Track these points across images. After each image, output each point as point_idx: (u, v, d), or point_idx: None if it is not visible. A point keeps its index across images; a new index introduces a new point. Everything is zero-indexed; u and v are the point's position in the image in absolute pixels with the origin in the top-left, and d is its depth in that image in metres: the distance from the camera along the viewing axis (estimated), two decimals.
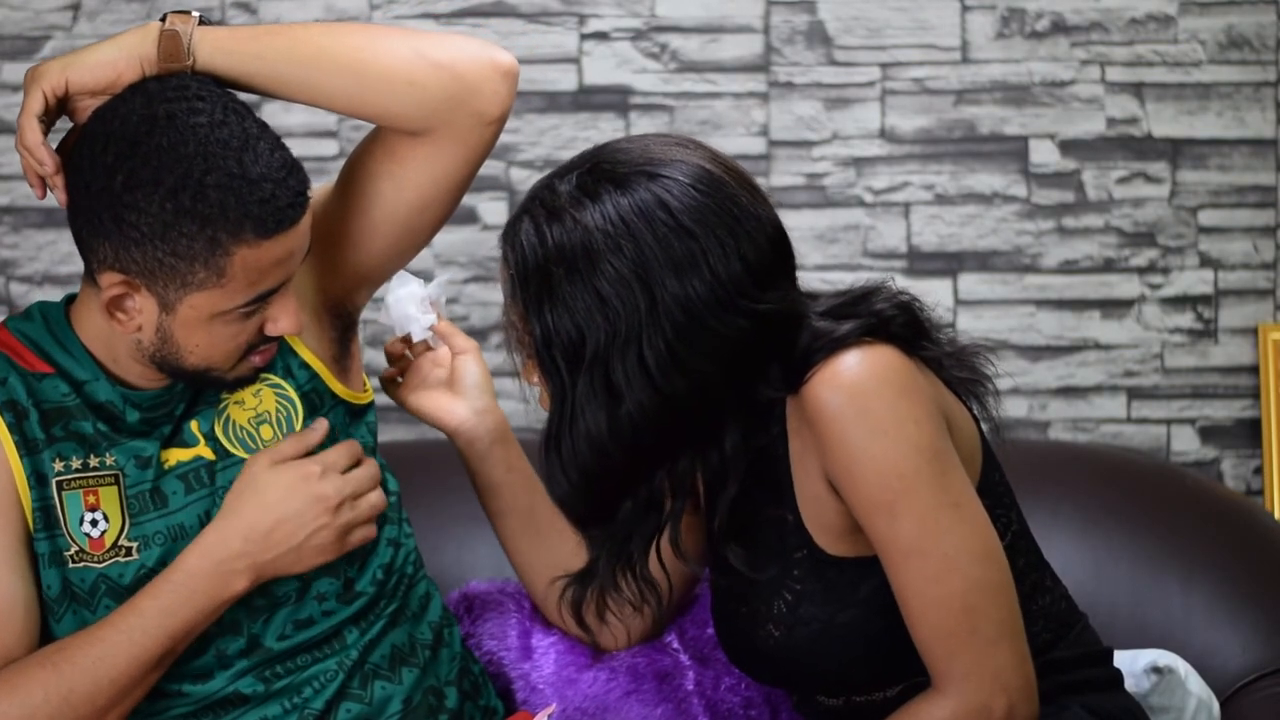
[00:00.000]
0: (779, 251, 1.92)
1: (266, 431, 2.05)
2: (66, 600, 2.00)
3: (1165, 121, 3.00)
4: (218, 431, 2.04)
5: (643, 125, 2.97)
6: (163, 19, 1.95)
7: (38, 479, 1.99)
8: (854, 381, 1.86)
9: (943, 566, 1.85)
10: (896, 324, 1.92)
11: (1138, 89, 3.00)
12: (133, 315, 1.94)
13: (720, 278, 1.86)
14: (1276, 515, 2.94)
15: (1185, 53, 2.99)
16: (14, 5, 2.92)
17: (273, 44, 1.97)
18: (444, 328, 2.21)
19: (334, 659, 2.05)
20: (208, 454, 2.03)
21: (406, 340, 2.21)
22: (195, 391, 2.03)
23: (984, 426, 2.00)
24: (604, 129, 2.98)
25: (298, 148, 2.95)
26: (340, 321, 2.11)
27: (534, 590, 2.23)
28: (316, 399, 2.07)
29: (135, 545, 2.00)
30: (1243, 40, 2.99)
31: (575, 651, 2.26)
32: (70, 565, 2.00)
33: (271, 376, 2.06)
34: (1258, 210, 3.02)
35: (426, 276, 2.97)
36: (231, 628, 2.02)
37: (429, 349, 2.22)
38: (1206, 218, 3.02)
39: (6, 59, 2.92)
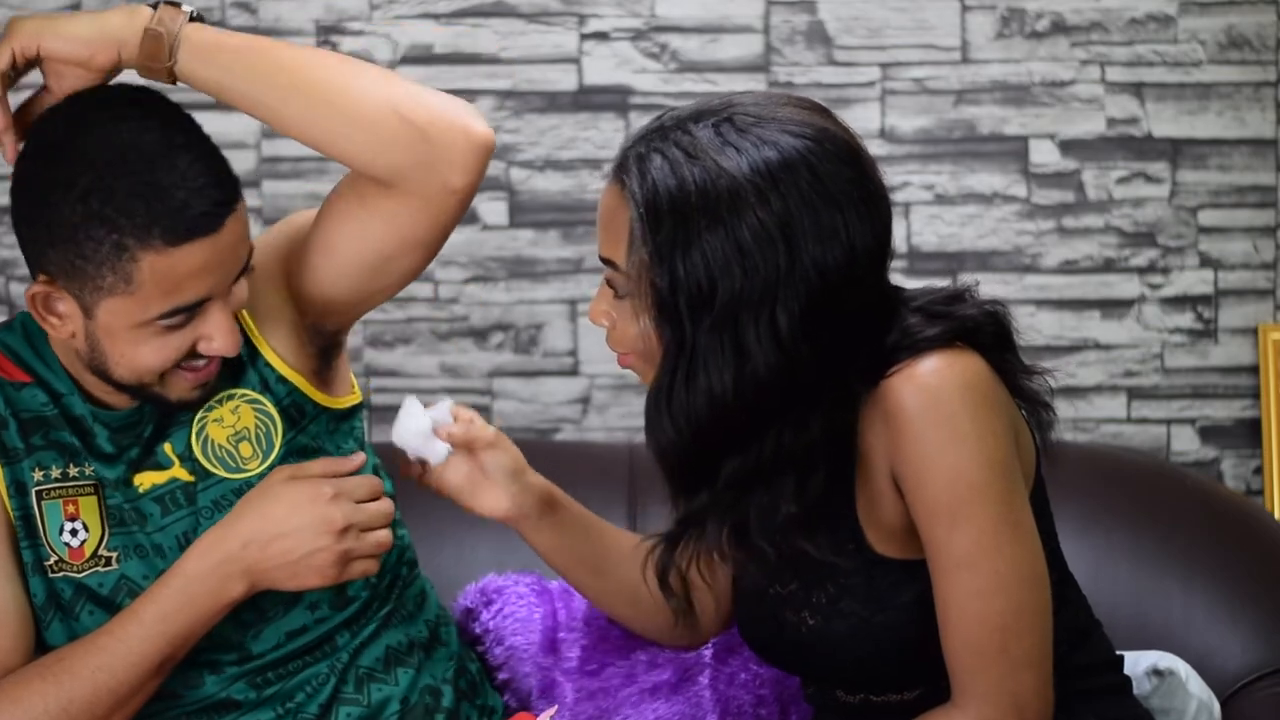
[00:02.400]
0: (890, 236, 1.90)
1: (246, 449, 2.03)
2: (52, 608, 1.99)
3: (1165, 121, 3.00)
4: (196, 451, 2.02)
5: (642, 125, 2.97)
6: (155, 5, 1.93)
7: (17, 488, 1.99)
8: (939, 385, 1.83)
9: (990, 584, 1.84)
10: (985, 332, 1.90)
11: (1138, 89, 3.00)
12: (63, 319, 1.92)
13: (856, 251, 1.82)
14: (1276, 515, 2.94)
15: (1185, 53, 2.99)
16: (14, 5, 2.92)
17: (253, 64, 1.94)
18: (461, 439, 2.08)
19: (325, 663, 2.05)
20: (184, 475, 2.01)
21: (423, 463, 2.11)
22: (164, 413, 2.01)
23: (1039, 441, 1.98)
24: (604, 129, 2.98)
25: (297, 147, 2.97)
26: (320, 339, 2.09)
27: (619, 615, 2.22)
28: (296, 412, 2.05)
29: (115, 555, 2.00)
30: (1243, 40, 2.99)
31: (600, 649, 2.26)
32: (51, 574, 1.99)
33: (249, 392, 2.04)
34: (1258, 210, 3.02)
35: (425, 276, 2.97)
36: (221, 642, 2.01)
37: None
38: (1206, 218, 3.02)
39: None
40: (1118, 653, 2.06)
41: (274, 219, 2.95)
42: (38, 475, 1.99)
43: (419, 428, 2.07)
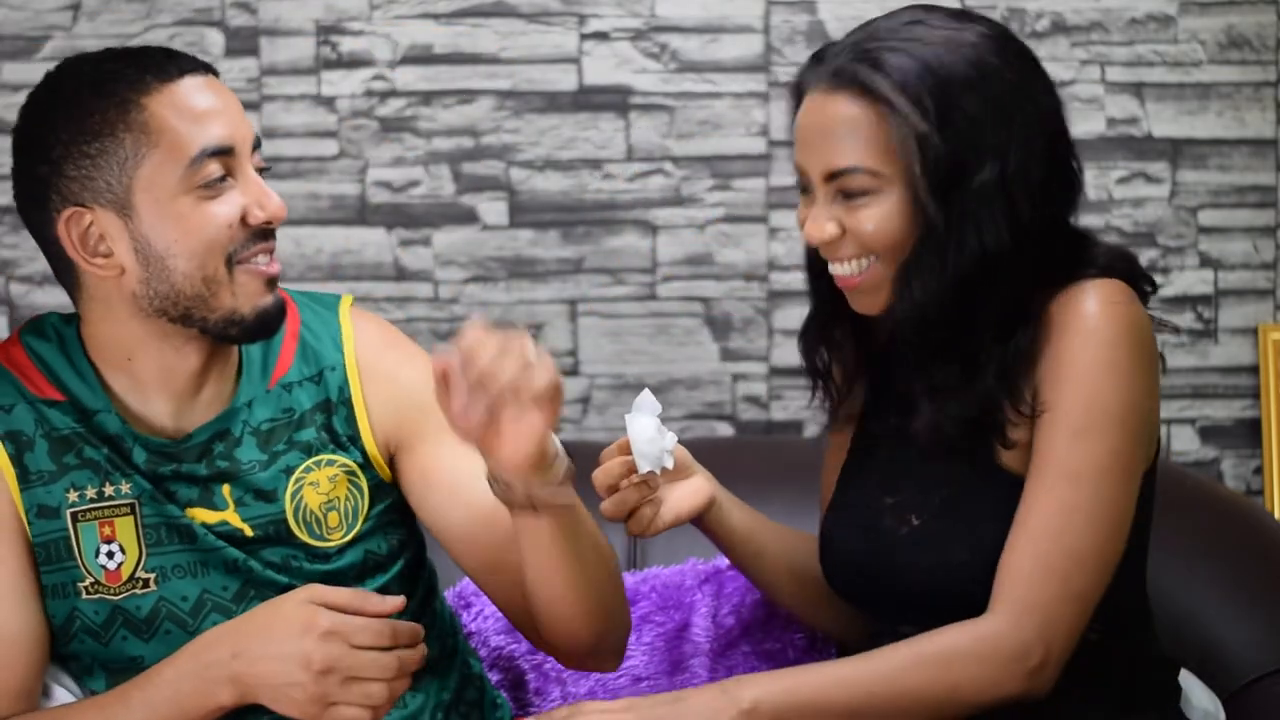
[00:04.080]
0: None
1: (334, 519, 2.00)
2: (72, 631, 1.96)
3: (1165, 121, 3.00)
4: (289, 510, 1.98)
5: (642, 125, 2.97)
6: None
7: (41, 511, 1.94)
8: (1119, 312, 1.91)
9: (1090, 507, 1.89)
10: (1150, 293, 2.01)
11: (1138, 89, 3.00)
12: (109, 254, 1.90)
13: (1070, 141, 1.99)
14: (1276, 515, 2.94)
15: (1185, 53, 2.99)
16: (14, 5, 2.92)
17: None
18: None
19: None
20: (236, 521, 1.97)
21: (629, 471, 1.99)
22: (210, 449, 1.97)
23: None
24: (604, 129, 2.98)
25: (297, 147, 2.97)
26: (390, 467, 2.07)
27: (784, 594, 2.21)
28: (378, 492, 2.03)
29: (153, 576, 1.95)
30: (1243, 40, 2.99)
31: None
32: (84, 597, 1.95)
33: (350, 463, 2.01)
34: (1258, 210, 3.02)
35: (425, 276, 2.97)
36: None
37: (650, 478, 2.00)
38: (1206, 218, 3.02)
39: (6, 59, 2.91)
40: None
41: None
42: (72, 496, 1.94)
43: (653, 425, 1.95)
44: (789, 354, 2.95)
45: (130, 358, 1.96)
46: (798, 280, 2.96)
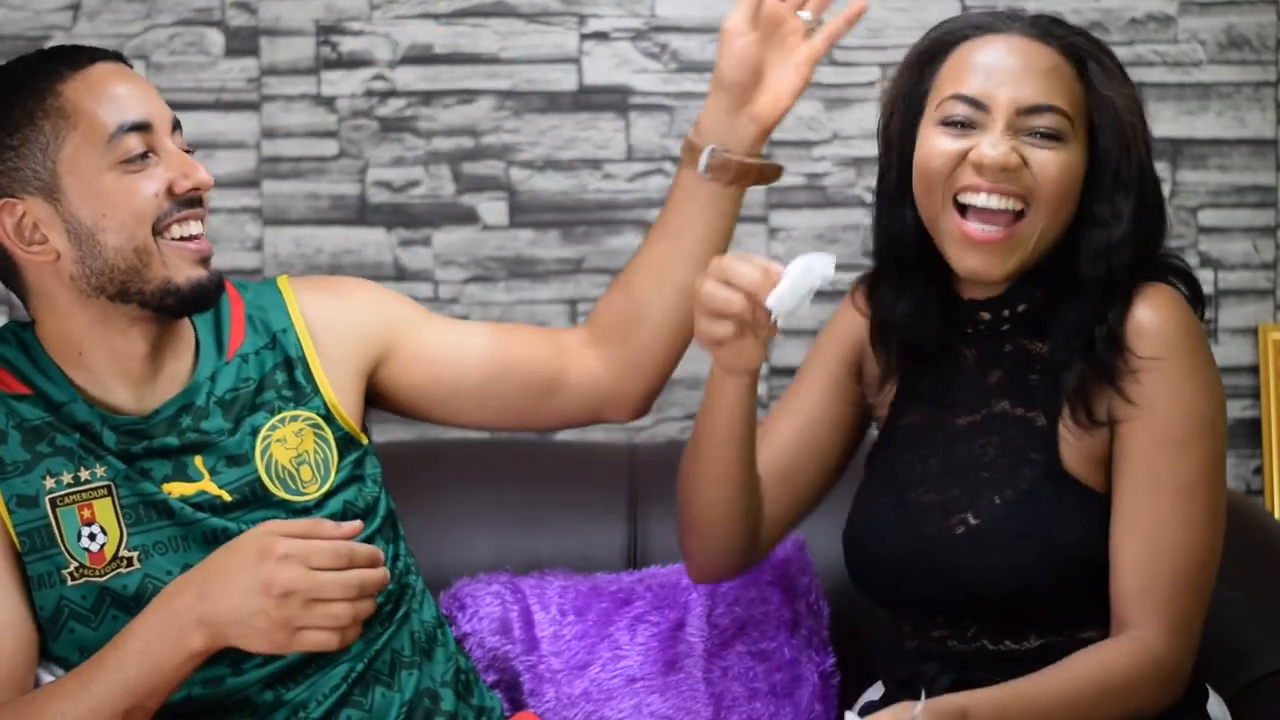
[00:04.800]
0: None
1: (306, 472, 2.05)
2: (61, 621, 1.98)
3: (1165, 121, 3.00)
4: (260, 469, 2.03)
5: (642, 125, 2.97)
6: None
7: (20, 501, 1.97)
8: (1192, 323, 1.99)
9: (1207, 514, 1.93)
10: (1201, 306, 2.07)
11: (1138, 89, 3.00)
12: (43, 237, 1.96)
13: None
14: (1276, 515, 2.94)
15: (1185, 53, 2.99)
16: (14, 5, 2.92)
17: None
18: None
19: (342, 666, 2.04)
20: (213, 489, 2.01)
21: (751, 306, 1.93)
22: (177, 422, 2.02)
23: None
24: (604, 129, 2.97)
25: (297, 147, 2.97)
26: (366, 399, 2.16)
27: (712, 513, 2.15)
28: (348, 444, 2.09)
29: (135, 555, 1.98)
30: (1243, 40, 2.99)
31: (582, 638, 2.26)
32: (70, 583, 1.97)
33: (314, 416, 2.07)
34: (1258, 210, 3.02)
35: (425, 276, 2.97)
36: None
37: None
38: (1206, 218, 3.02)
39: (6, 59, 2.91)
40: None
41: (274, 219, 2.96)
42: (49, 483, 1.98)
43: (804, 301, 1.92)
44: (789, 354, 2.95)
45: (81, 351, 2.02)
46: None
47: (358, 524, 1.90)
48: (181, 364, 2.06)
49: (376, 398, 2.19)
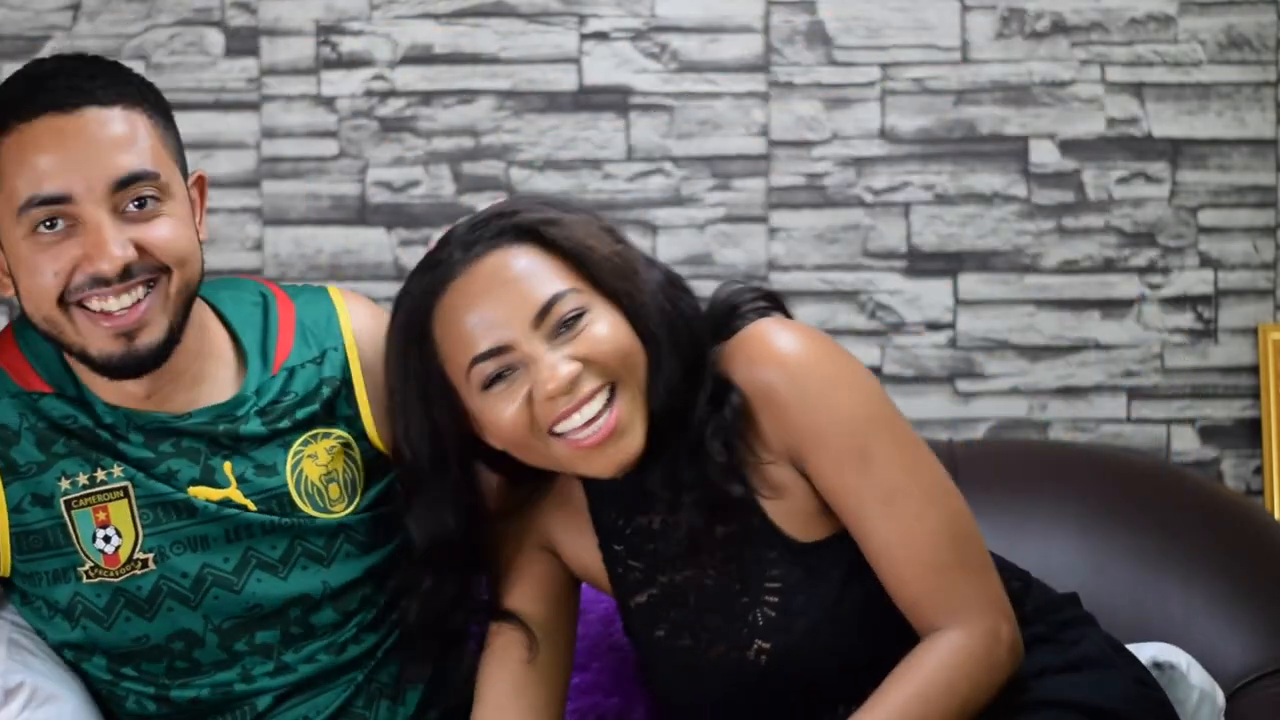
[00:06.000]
0: None
1: (334, 490, 2.04)
2: (75, 615, 1.98)
3: (1165, 121, 3.00)
4: (290, 484, 2.01)
5: (642, 125, 2.97)
6: None
7: (34, 500, 1.97)
8: (792, 332, 1.92)
9: (925, 500, 1.88)
10: (778, 304, 1.99)
11: (1138, 89, 3.00)
12: (8, 269, 1.95)
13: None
14: (1276, 515, 2.94)
15: (1185, 53, 2.99)
16: (14, 5, 2.92)
17: None
18: None
19: (347, 676, 2.04)
20: (238, 497, 2.00)
21: None
22: (212, 427, 2.00)
23: None
24: (604, 129, 2.97)
25: (297, 147, 2.97)
26: None
27: None
28: (376, 468, 2.07)
29: (150, 556, 1.98)
30: (1243, 40, 2.99)
31: (582, 638, 2.25)
32: (85, 580, 1.97)
33: (345, 435, 2.05)
34: (1258, 210, 3.02)
35: None
36: (263, 651, 2.00)
37: None
38: (1206, 218, 3.02)
39: (6, 59, 2.91)
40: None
41: (274, 219, 2.96)
42: (64, 484, 1.98)
43: None
44: None
45: (90, 376, 2.00)
46: (798, 280, 2.97)
47: None
48: (223, 370, 2.04)
49: None
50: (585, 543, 2.01)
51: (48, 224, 1.90)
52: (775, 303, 2.00)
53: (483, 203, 2.98)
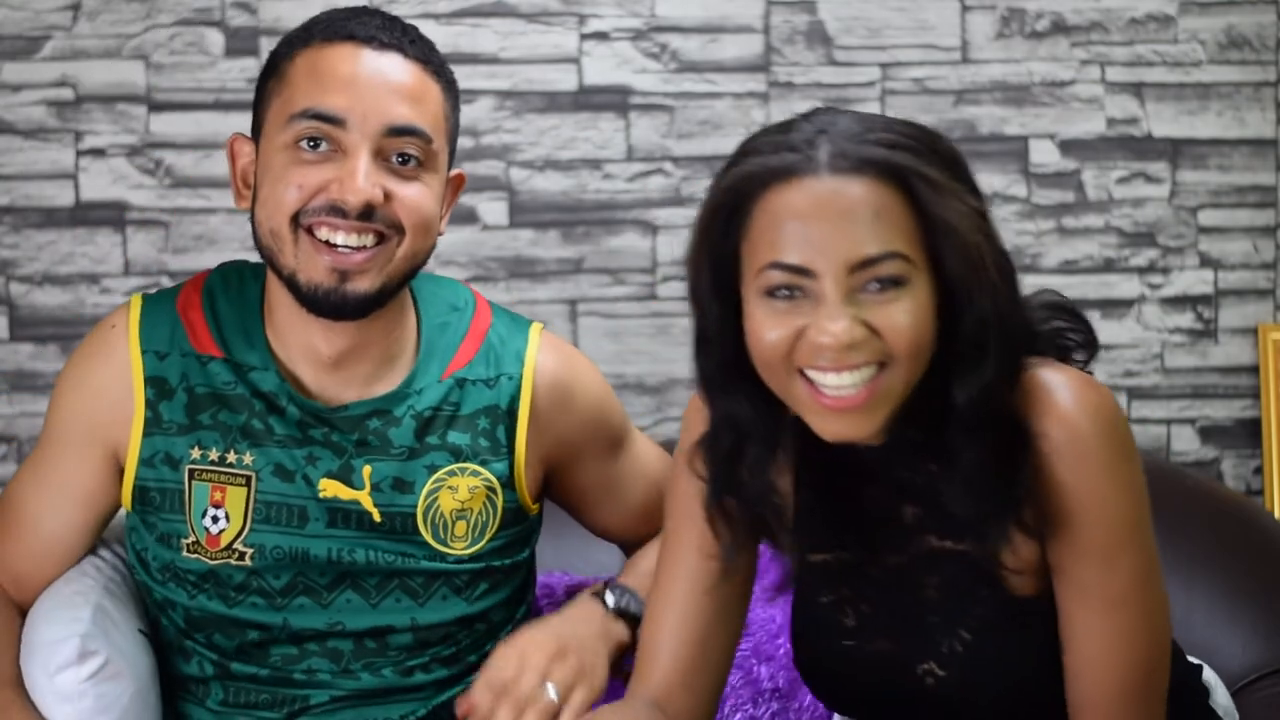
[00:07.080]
0: None
1: (460, 528, 2.03)
2: (164, 579, 2.01)
3: (1165, 121, 3.00)
4: (420, 510, 2.01)
5: (642, 125, 2.97)
6: None
7: (165, 459, 1.99)
8: (1102, 411, 1.78)
9: (1142, 622, 1.80)
10: (1089, 351, 1.89)
11: (1138, 89, 3.00)
12: (246, 186, 1.99)
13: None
14: (1276, 515, 2.94)
15: (1185, 53, 2.99)
16: (14, 5, 2.92)
17: None
18: None
19: (408, 705, 2.04)
20: (368, 505, 2.00)
21: None
22: (364, 423, 2.01)
23: None
24: (604, 129, 2.98)
25: None
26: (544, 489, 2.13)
27: None
28: (512, 516, 2.06)
29: (250, 552, 1.99)
30: (1243, 40, 2.99)
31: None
32: (184, 554, 1.99)
33: (494, 479, 2.04)
34: (1258, 210, 3.02)
35: None
36: (333, 656, 2.01)
37: None
38: (1206, 218, 3.02)
39: (6, 59, 2.91)
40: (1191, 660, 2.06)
41: None
42: (195, 453, 2.00)
43: None
44: None
45: (278, 321, 2.02)
46: None
47: None
48: (400, 364, 2.05)
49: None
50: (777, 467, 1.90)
51: (311, 142, 1.93)
52: (1080, 329, 1.88)
53: (483, 203, 2.98)
